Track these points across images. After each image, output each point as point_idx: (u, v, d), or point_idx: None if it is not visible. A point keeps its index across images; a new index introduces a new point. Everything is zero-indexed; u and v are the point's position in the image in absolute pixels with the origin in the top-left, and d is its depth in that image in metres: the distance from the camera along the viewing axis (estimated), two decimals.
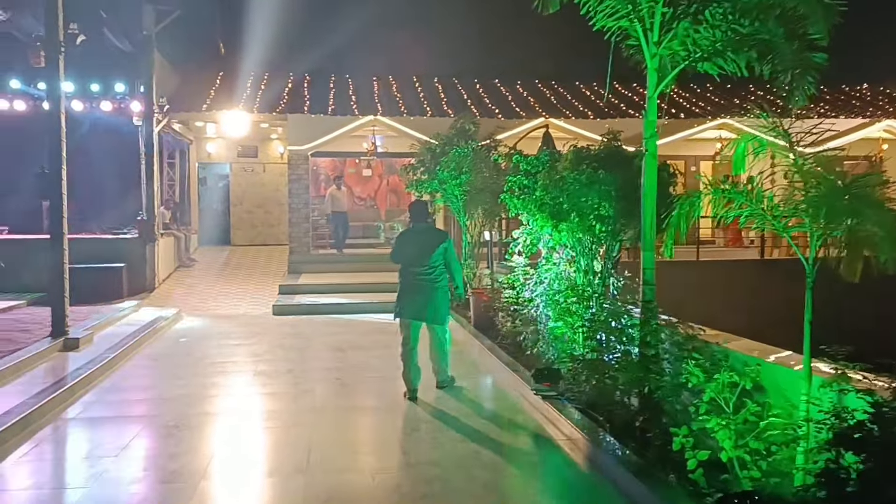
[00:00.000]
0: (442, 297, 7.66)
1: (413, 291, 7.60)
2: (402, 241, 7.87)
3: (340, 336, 11.41)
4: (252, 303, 14.65)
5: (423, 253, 7.58)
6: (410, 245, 7.70)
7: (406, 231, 8.09)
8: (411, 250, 7.66)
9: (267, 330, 12.05)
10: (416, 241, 7.68)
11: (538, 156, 7.98)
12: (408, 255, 7.67)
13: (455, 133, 13.35)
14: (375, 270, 16.91)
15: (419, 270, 7.59)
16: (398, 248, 7.82)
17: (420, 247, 7.62)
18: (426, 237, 7.71)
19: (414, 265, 7.61)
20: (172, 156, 20.66)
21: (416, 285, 7.59)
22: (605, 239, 7.06)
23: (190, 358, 9.93)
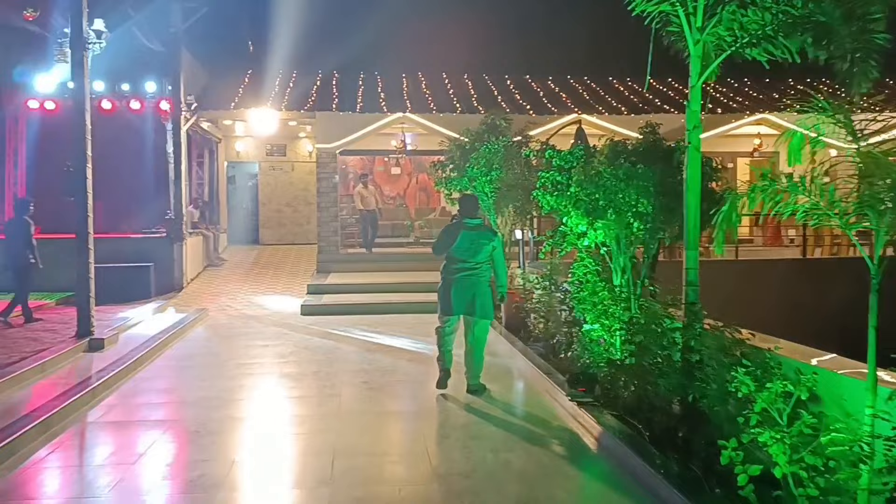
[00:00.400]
0: (489, 293, 7.66)
1: (461, 286, 7.56)
2: (450, 235, 7.71)
3: (369, 337, 11.16)
4: (280, 302, 14.47)
5: (473, 249, 7.55)
6: (461, 239, 7.60)
7: (454, 224, 7.89)
8: (462, 245, 7.58)
9: (294, 330, 11.85)
10: (468, 237, 7.60)
11: (572, 150, 7.65)
12: (457, 249, 7.59)
13: (485, 129, 13.04)
14: (405, 270, 16.70)
15: (468, 266, 7.57)
16: (445, 241, 7.70)
17: (471, 242, 7.57)
18: (478, 233, 7.65)
19: (463, 260, 7.57)
20: (201, 155, 20.61)
21: (463, 280, 7.56)
22: (643, 237, 6.70)
23: (215, 359, 9.75)
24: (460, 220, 7.81)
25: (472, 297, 7.57)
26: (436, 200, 23.80)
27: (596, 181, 6.52)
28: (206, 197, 20.49)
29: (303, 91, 19.18)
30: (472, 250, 7.58)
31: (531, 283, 10.95)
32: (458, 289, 7.59)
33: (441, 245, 7.76)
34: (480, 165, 12.17)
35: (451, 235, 7.71)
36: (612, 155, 6.77)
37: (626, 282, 6.86)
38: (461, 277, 7.58)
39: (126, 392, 8.03)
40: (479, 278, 7.62)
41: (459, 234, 7.65)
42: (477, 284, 7.59)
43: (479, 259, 7.60)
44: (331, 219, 17.75)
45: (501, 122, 13.13)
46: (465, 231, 7.66)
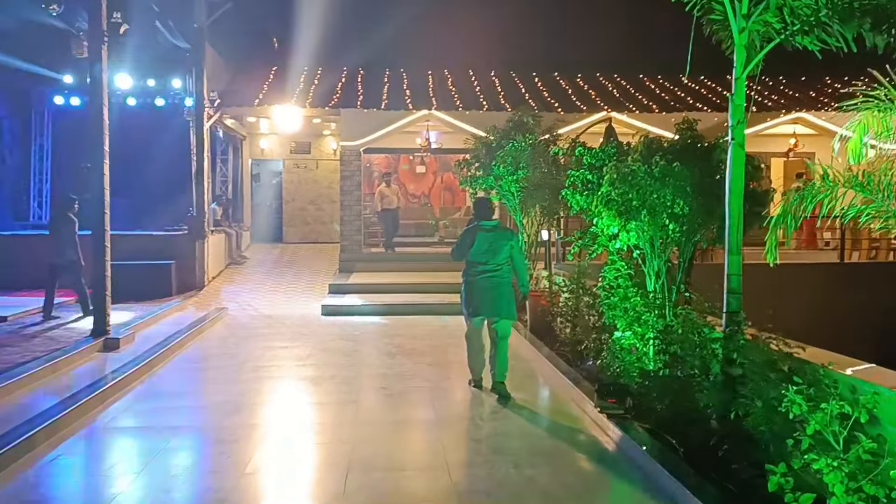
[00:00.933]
0: (512, 293, 7.65)
1: (485, 289, 7.54)
2: (468, 239, 7.67)
3: (390, 339, 10.84)
4: (301, 302, 14.21)
5: (492, 250, 7.53)
6: (478, 242, 7.56)
7: (471, 228, 7.83)
8: (480, 247, 7.54)
9: (314, 331, 11.56)
10: (485, 239, 7.57)
11: (603, 148, 7.26)
12: (476, 252, 7.56)
13: (512, 126, 12.66)
14: (429, 270, 16.36)
15: (489, 268, 7.53)
16: (464, 245, 7.67)
17: (489, 244, 7.54)
18: (495, 235, 7.61)
19: (483, 262, 7.53)
20: (225, 152, 20.45)
21: (486, 282, 7.53)
22: (678, 240, 6.30)
23: (232, 361, 9.48)
24: (477, 222, 7.78)
25: (495, 297, 7.54)
26: (461, 199, 23.45)
27: (629, 180, 6.13)
28: (230, 194, 20.33)
29: (327, 88, 18.93)
30: (490, 252, 7.54)
31: (558, 285, 10.57)
32: (480, 290, 7.56)
33: (459, 250, 7.73)
34: (507, 164, 11.80)
35: (468, 239, 7.67)
36: (647, 153, 6.38)
37: (661, 287, 6.46)
38: (482, 279, 7.55)
39: (138, 395, 7.77)
40: (501, 279, 7.57)
41: (477, 236, 7.60)
42: (499, 286, 7.55)
43: (499, 260, 7.56)
44: (354, 217, 17.46)
45: (529, 120, 12.74)
46: (483, 233, 7.62)
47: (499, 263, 7.56)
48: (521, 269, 7.78)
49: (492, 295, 7.54)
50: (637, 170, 6.20)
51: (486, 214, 7.79)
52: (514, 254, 7.64)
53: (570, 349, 9.43)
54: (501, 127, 12.78)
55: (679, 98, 19.31)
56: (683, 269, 6.39)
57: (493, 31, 22.32)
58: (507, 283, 7.61)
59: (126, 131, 17.87)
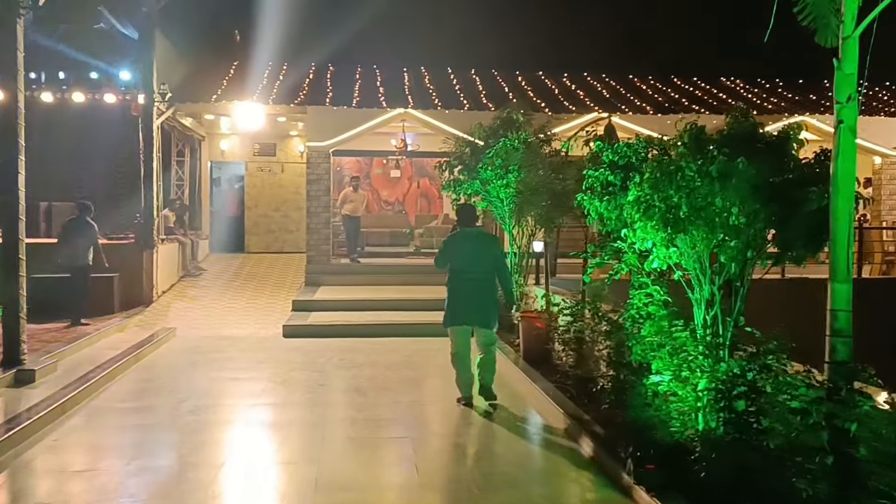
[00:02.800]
0: (495, 302, 7.51)
1: (467, 296, 7.37)
2: (452, 246, 7.56)
3: (362, 369, 9.29)
4: (260, 321, 12.59)
5: (477, 258, 7.40)
6: (462, 250, 7.46)
7: (455, 235, 7.76)
8: (464, 255, 7.43)
9: (273, 358, 9.97)
10: (469, 246, 7.47)
11: (629, 143, 5.80)
12: (460, 259, 7.42)
13: (500, 124, 11.22)
14: (405, 284, 14.86)
15: (474, 275, 7.37)
16: (447, 253, 7.53)
17: (473, 252, 7.43)
18: (479, 242, 7.55)
19: (467, 270, 7.38)
20: (182, 153, 18.80)
21: (469, 290, 7.36)
22: (737, 258, 4.86)
23: (170, 398, 7.85)
24: (460, 229, 7.70)
25: (479, 306, 7.39)
26: (438, 207, 21.99)
27: (677, 181, 4.67)
28: (187, 199, 18.66)
29: (293, 84, 17.34)
30: (475, 259, 7.42)
31: (557, 306, 9.11)
32: (465, 298, 7.39)
33: (443, 257, 7.57)
34: (495, 166, 10.36)
35: (452, 246, 7.56)
36: (695, 146, 4.93)
37: (712, 320, 5.00)
38: (468, 288, 7.38)
39: (43, 451, 6.13)
40: (486, 287, 7.43)
41: (461, 244, 7.52)
42: (484, 294, 7.42)
43: (484, 268, 7.42)
44: (322, 225, 15.87)
45: (519, 117, 11.32)
46: (467, 241, 7.54)
47: (484, 271, 7.40)
48: (507, 279, 7.62)
49: (476, 303, 7.37)
50: (685, 167, 4.74)
51: (470, 221, 7.67)
52: (498, 262, 7.51)
53: (574, 383, 7.97)
54: (488, 125, 11.32)
55: (673, 100, 18.03)
56: (742, 295, 4.93)
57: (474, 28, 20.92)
58: (492, 291, 7.45)
59: (69, 129, 16.34)
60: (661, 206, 4.76)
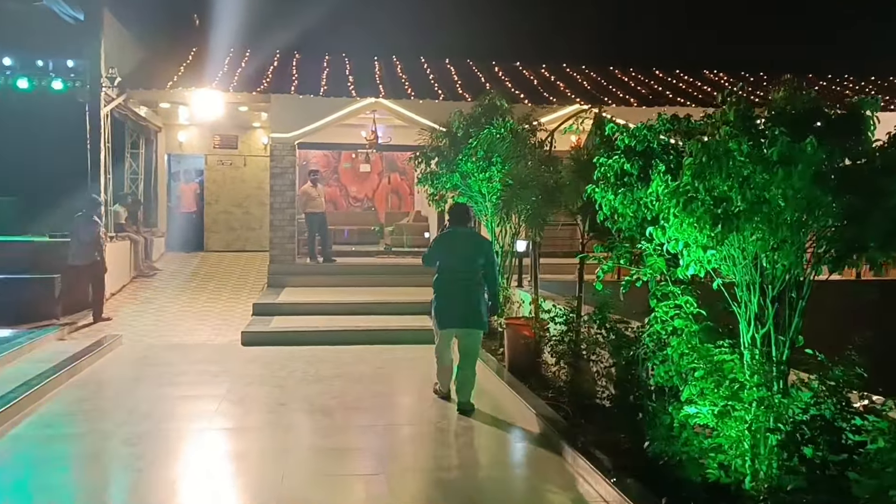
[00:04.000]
0: (485, 303, 7.31)
1: (458, 297, 7.19)
2: (443, 244, 7.40)
3: (328, 384, 8.26)
4: (218, 327, 11.48)
5: (468, 257, 7.25)
6: (454, 249, 7.30)
7: (446, 234, 7.55)
8: (456, 254, 7.27)
9: (230, 370, 8.90)
10: (461, 245, 7.31)
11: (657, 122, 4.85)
12: (451, 258, 7.26)
13: (482, 112, 10.26)
14: (376, 286, 13.87)
15: (463, 276, 7.20)
16: (437, 251, 7.36)
17: (465, 251, 7.27)
18: (471, 241, 7.40)
19: (458, 270, 7.22)
20: (136, 145, 17.56)
21: (460, 290, 7.19)
22: (796, 262, 3.94)
23: (105, 422, 6.76)
24: (452, 228, 7.47)
25: (469, 307, 7.18)
26: (409, 203, 21.00)
27: (728, 168, 3.73)
28: (141, 194, 17.42)
29: (256, 72, 16.19)
30: (467, 259, 7.25)
31: (548, 312, 8.17)
32: (456, 300, 7.19)
33: (433, 255, 7.36)
34: (477, 157, 9.40)
35: (443, 244, 7.39)
36: (743, 124, 4.00)
37: (763, 338, 4.08)
38: (458, 288, 7.19)
39: None
40: (475, 288, 7.24)
41: (453, 242, 7.36)
42: (472, 294, 7.21)
43: (474, 268, 7.24)
44: (286, 222, 14.78)
45: (503, 104, 10.37)
46: (459, 240, 7.37)
47: (473, 271, 7.22)
48: (494, 282, 7.42)
49: (465, 304, 7.17)
50: (733, 147, 3.80)
51: (460, 220, 7.47)
52: (489, 265, 7.32)
53: (568, 401, 7.07)
54: (468, 113, 10.35)
55: (657, 92, 17.22)
56: (800, 310, 4.01)
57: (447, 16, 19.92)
58: (481, 292, 7.25)
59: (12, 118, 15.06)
60: (707, 198, 3.81)
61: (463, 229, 7.44)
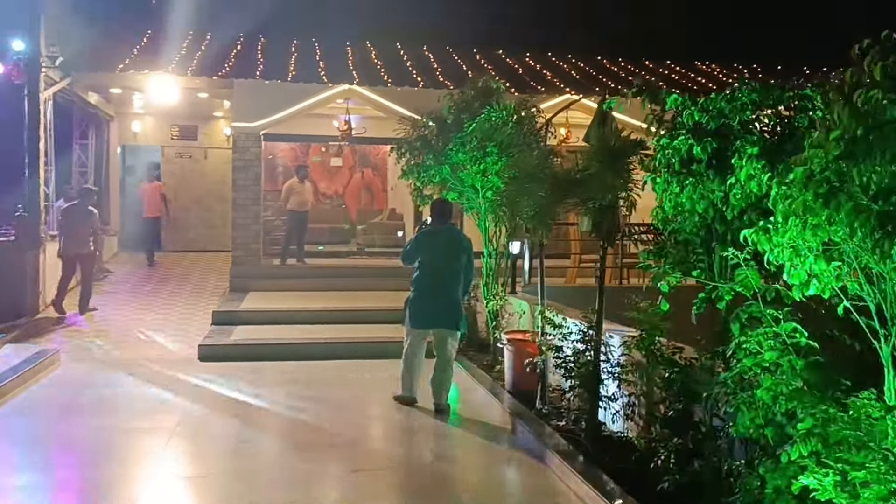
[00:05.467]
0: (461, 302, 7.26)
1: (436, 297, 7.07)
2: (423, 242, 7.27)
3: (301, 412, 7.03)
4: (172, 339, 10.13)
5: (449, 256, 7.16)
6: (436, 247, 7.17)
7: (428, 231, 7.47)
8: (439, 252, 7.14)
9: (184, 392, 7.60)
10: (443, 244, 7.21)
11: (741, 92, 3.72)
12: (433, 257, 7.12)
13: (474, 96, 9.07)
14: (347, 289, 12.66)
15: (444, 275, 7.11)
16: (418, 249, 7.21)
17: (448, 249, 7.18)
18: (454, 240, 7.31)
19: (439, 269, 7.11)
20: (85, 134, 16.09)
21: (439, 289, 7.08)
22: None
23: (23, 472, 5.45)
24: (434, 225, 7.42)
25: (448, 307, 7.10)
26: (382, 201, 19.74)
27: None
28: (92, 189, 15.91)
29: (218, 56, 14.79)
30: (448, 257, 7.16)
31: (559, 328, 7.02)
32: (434, 300, 7.07)
33: (413, 252, 7.22)
34: (470, 147, 8.23)
35: (424, 242, 7.27)
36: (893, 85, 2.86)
37: None
38: (438, 288, 7.09)
39: None
40: (454, 287, 7.15)
41: (435, 240, 7.24)
42: (452, 295, 7.13)
43: (456, 267, 7.16)
44: (251, 220, 13.45)
45: (499, 86, 9.22)
46: (441, 237, 7.26)
47: (455, 270, 7.14)
48: (469, 279, 7.35)
49: (445, 304, 7.08)
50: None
51: (443, 218, 7.37)
52: (469, 263, 7.23)
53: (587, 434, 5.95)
54: (458, 98, 9.15)
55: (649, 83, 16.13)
56: None
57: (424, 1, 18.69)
58: (458, 292, 7.19)
59: None
60: (856, 189, 2.66)
61: (445, 227, 7.31)
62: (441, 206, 7.44)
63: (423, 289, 7.08)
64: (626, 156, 5.81)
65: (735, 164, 3.60)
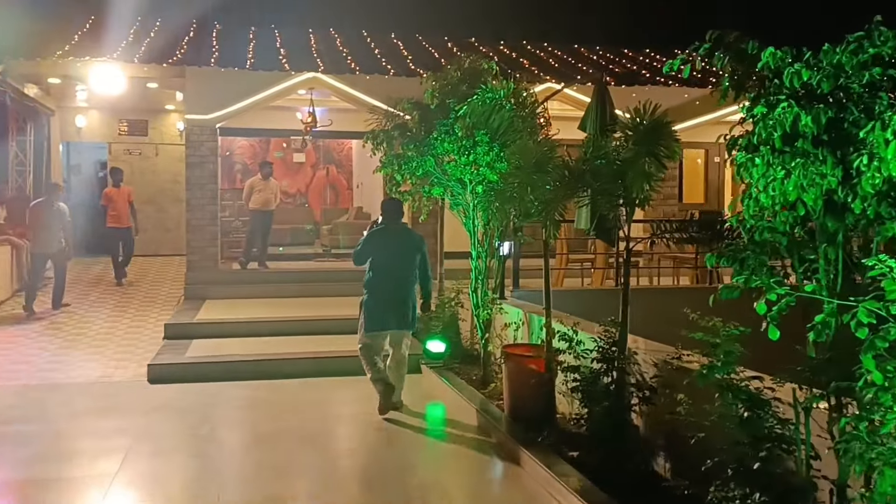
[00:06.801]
0: (414, 302, 7.12)
1: (388, 297, 6.89)
2: (375, 242, 7.03)
3: (272, 449, 5.92)
4: (118, 356, 8.91)
5: (402, 256, 7.00)
6: (387, 247, 6.99)
7: (378, 231, 7.19)
8: (391, 252, 6.97)
9: (128, 426, 6.44)
10: (394, 243, 7.04)
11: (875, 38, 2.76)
12: (385, 256, 6.94)
13: (461, 77, 8.06)
14: (313, 295, 11.58)
15: (397, 275, 6.96)
16: (368, 249, 6.98)
17: (399, 249, 7.02)
18: (406, 238, 7.14)
19: (391, 270, 6.93)
20: (22, 130, 14.66)
21: (392, 290, 6.90)
22: None
23: None
24: (385, 225, 7.19)
25: (403, 308, 6.95)
26: (347, 199, 18.62)
27: None
28: (30, 188, 14.55)
29: (169, 42, 13.54)
30: (401, 257, 7.00)
31: (570, 341, 6.03)
32: (389, 300, 6.90)
33: (364, 253, 7.00)
34: (457, 136, 7.22)
35: (375, 242, 7.05)
36: None
37: None
38: (392, 288, 6.92)
39: None
40: (407, 287, 7.03)
41: (385, 239, 7.05)
42: (406, 296, 6.99)
43: (408, 267, 7.02)
44: (207, 221, 12.24)
45: (493, 66, 8.23)
46: (392, 237, 7.09)
47: (409, 270, 7.03)
48: (427, 279, 7.27)
49: (397, 304, 6.94)
50: None
51: (393, 217, 7.20)
52: (423, 261, 7.11)
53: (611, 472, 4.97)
54: (446, 79, 8.12)
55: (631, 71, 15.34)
56: None
57: None
58: (412, 291, 7.10)
59: None
60: None
61: (396, 225, 7.15)
62: (391, 205, 7.24)
63: (376, 290, 6.92)
64: (661, 137, 4.83)
65: (872, 139, 2.63)
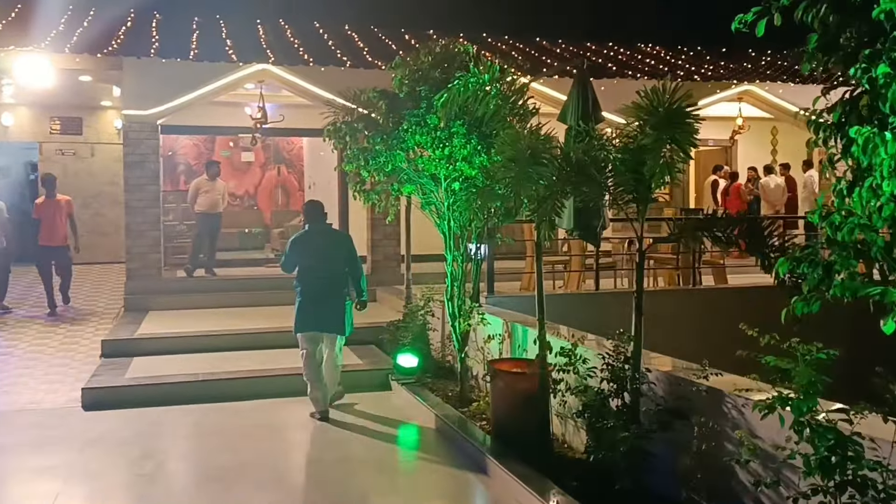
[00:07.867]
0: (348, 306, 7.02)
1: (318, 297, 6.83)
2: (298, 247, 6.96)
3: (227, 490, 5.08)
4: (49, 378, 7.90)
5: (329, 256, 6.95)
6: (312, 248, 6.93)
7: (301, 235, 7.10)
8: (316, 254, 6.90)
9: (58, 464, 5.54)
10: (319, 244, 6.98)
11: None
12: (310, 259, 6.88)
13: (433, 62, 7.34)
14: (265, 304, 10.69)
15: (323, 275, 6.85)
16: (295, 254, 6.93)
17: (325, 249, 6.97)
18: (330, 239, 7.15)
19: (318, 270, 6.86)
20: None
21: (321, 293, 6.82)
22: None
23: None
24: (307, 227, 7.10)
25: (331, 311, 6.86)
26: (298, 200, 17.68)
27: None
28: None
29: (104, 33, 12.40)
30: (328, 257, 6.92)
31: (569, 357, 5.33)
32: (316, 304, 6.82)
33: (290, 259, 6.94)
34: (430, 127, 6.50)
35: (300, 245, 6.97)
36: None
37: None
38: (318, 290, 6.82)
39: None
40: (340, 290, 6.95)
41: (310, 241, 6.97)
42: (336, 297, 6.90)
43: (335, 267, 6.94)
44: (149, 226, 11.20)
45: (468, 49, 7.54)
46: (316, 238, 7.01)
47: (336, 270, 6.93)
48: (359, 277, 7.09)
49: (328, 305, 6.84)
50: None
51: (315, 218, 7.07)
52: (350, 259, 7.03)
53: None
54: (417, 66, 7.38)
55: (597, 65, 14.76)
56: None
57: None
58: (344, 293, 6.96)
59: None
60: None
61: (319, 226, 7.06)
62: (311, 207, 7.22)
63: (304, 294, 6.84)
64: (682, 118, 4.15)
65: None
